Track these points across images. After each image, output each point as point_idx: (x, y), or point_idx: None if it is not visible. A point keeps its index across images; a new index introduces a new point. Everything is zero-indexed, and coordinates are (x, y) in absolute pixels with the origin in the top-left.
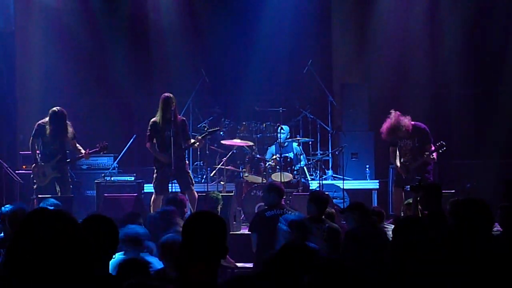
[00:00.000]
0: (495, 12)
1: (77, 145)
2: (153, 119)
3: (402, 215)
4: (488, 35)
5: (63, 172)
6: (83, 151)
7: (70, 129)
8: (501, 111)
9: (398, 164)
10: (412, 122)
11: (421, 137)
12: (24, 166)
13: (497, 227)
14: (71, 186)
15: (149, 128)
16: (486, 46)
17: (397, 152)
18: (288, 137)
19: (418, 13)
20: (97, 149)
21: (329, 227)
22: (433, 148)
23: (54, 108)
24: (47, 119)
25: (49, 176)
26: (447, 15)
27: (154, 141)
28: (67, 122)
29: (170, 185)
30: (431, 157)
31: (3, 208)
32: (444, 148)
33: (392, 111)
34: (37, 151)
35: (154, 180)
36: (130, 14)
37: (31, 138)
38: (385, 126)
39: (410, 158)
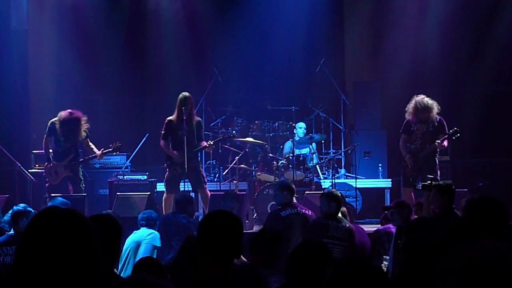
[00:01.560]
0: (506, 11)
1: (90, 143)
2: (169, 118)
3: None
4: (501, 33)
5: (75, 171)
6: (96, 150)
7: (84, 127)
8: None
9: (407, 156)
10: None
11: (436, 125)
12: (37, 165)
13: None
14: (83, 185)
15: (164, 126)
16: (498, 44)
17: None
18: (305, 133)
19: (431, 11)
20: (110, 149)
21: (350, 227)
22: (445, 136)
23: (70, 110)
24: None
25: (61, 175)
26: (460, 14)
27: (169, 139)
28: (83, 119)
29: (182, 183)
30: (442, 144)
31: (15, 207)
32: (458, 135)
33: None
34: (50, 150)
35: (165, 179)
36: (141, 12)
37: (45, 136)
38: (411, 104)
39: (420, 143)
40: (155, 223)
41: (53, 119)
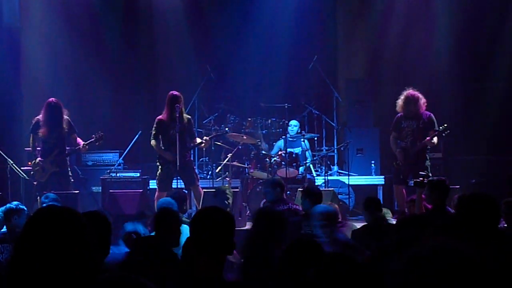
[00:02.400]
0: (488, 9)
1: (78, 139)
2: (159, 117)
3: (407, 211)
4: (492, 29)
5: (62, 166)
6: (82, 142)
7: (66, 120)
8: (507, 107)
9: (397, 152)
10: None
11: (426, 121)
12: (29, 163)
13: (501, 223)
14: (72, 180)
15: (154, 125)
16: (491, 39)
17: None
18: (298, 131)
19: (424, 8)
20: (93, 139)
21: None
22: (436, 132)
23: (49, 100)
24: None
25: (48, 171)
26: (454, 9)
27: (160, 138)
28: (65, 116)
29: (175, 180)
30: (432, 141)
31: (8, 204)
32: (448, 131)
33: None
34: (38, 148)
35: (157, 177)
36: (135, 9)
37: (30, 134)
38: (401, 97)
39: (411, 140)
40: None
41: (37, 117)
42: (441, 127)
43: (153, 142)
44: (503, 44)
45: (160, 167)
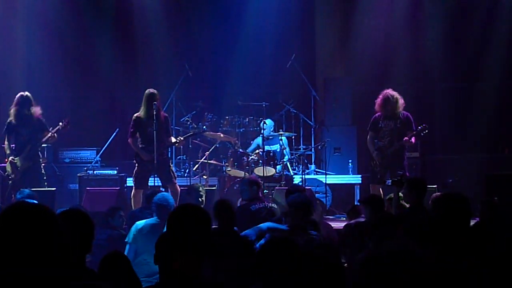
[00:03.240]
0: (476, 7)
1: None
2: (136, 114)
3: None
4: (469, 30)
5: (34, 160)
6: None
7: (38, 117)
8: (483, 105)
9: (374, 152)
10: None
11: (404, 121)
12: (6, 160)
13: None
14: (44, 178)
15: (132, 123)
16: (467, 41)
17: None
18: (272, 130)
19: (401, 7)
20: (59, 127)
21: None
22: (414, 132)
23: (21, 92)
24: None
25: (21, 167)
26: (430, 9)
27: (137, 135)
28: (37, 112)
29: (152, 178)
30: (410, 141)
31: None
32: (426, 131)
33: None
34: (12, 145)
35: (134, 174)
36: (114, 6)
37: (5, 136)
38: (379, 97)
39: (388, 140)
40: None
41: (9, 119)
42: (419, 127)
43: (130, 140)
44: (469, 44)
45: (137, 164)
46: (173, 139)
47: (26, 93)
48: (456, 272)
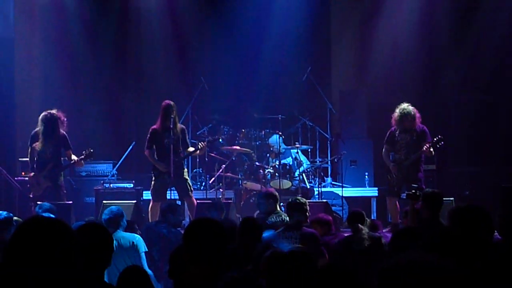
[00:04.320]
0: (493, 21)
1: (73, 156)
2: (153, 127)
3: (400, 221)
4: (485, 43)
5: (55, 181)
6: (76, 158)
7: (62, 135)
8: (499, 118)
9: (391, 165)
10: None
11: (420, 134)
12: (23, 173)
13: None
14: (65, 191)
15: (148, 135)
16: (483, 54)
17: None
18: (281, 144)
19: (416, 20)
20: (83, 156)
21: (302, 233)
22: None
23: (45, 112)
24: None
25: (42, 185)
26: (446, 23)
27: (154, 148)
28: (62, 130)
29: (169, 191)
30: (430, 150)
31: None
32: (442, 142)
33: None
34: (34, 161)
35: (152, 187)
36: (128, 21)
37: (29, 147)
38: (395, 112)
39: (405, 153)
40: None
41: (35, 130)
42: (435, 138)
43: (147, 152)
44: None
45: (154, 177)
46: (192, 148)
47: (53, 111)
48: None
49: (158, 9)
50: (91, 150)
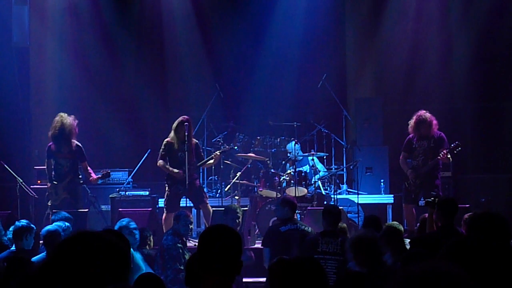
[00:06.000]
0: (506, 27)
1: (88, 168)
2: (166, 139)
3: (416, 229)
4: (500, 49)
5: (74, 194)
6: (92, 174)
7: (75, 146)
8: None
9: (408, 171)
10: None
11: (437, 140)
12: (39, 181)
13: None
14: (83, 202)
15: (162, 147)
16: (497, 60)
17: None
18: (298, 151)
19: (431, 27)
20: (100, 176)
21: (343, 240)
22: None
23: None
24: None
25: (61, 195)
26: (459, 29)
27: (167, 160)
28: (76, 142)
29: (184, 199)
30: (447, 156)
31: (17, 222)
32: (459, 148)
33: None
34: (52, 172)
35: (165, 198)
36: (145, 29)
37: (46, 159)
38: (412, 119)
39: (422, 159)
40: None
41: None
42: (452, 145)
43: (160, 162)
44: (502, 64)
45: (168, 187)
46: (206, 159)
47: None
48: None
49: (175, 17)
50: (108, 172)
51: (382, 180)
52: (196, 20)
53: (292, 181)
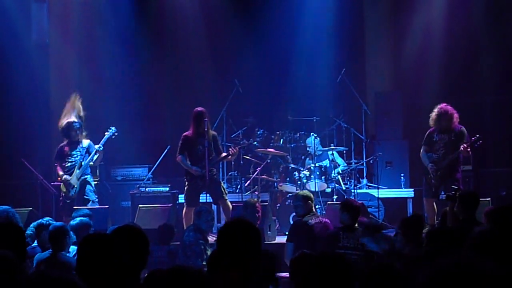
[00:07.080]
0: None
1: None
2: (185, 133)
3: (437, 222)
4: None
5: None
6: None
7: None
8: None
9: (429, 165)
10: None
11: (458, 134)
12: (59, 178)
13: None
14: (95, 197)
15: (181, 142)
16: None
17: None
18: (318, 146)
19: (451, 21)
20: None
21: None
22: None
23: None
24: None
25: (74, 185)
26: (481, 23)
27: (186, 154)
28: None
29: (204, 195)
30: (467, 150)
31: (40, 220)
32: (480, 141)
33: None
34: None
35: (185, 193)
36: (163, 25)
37: (54, 161)
38: (433, 112)
39: (443, 153)
40: None
41: (61, 144)
42: (473, 138)
43: (179, 158)
44: None
45: (187, 182)
46: (224, 154)
47: (71, 120)
48: None
49: (192, 13)
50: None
51: (402, 174)
52: (215, 16)
53: (312, 176)
